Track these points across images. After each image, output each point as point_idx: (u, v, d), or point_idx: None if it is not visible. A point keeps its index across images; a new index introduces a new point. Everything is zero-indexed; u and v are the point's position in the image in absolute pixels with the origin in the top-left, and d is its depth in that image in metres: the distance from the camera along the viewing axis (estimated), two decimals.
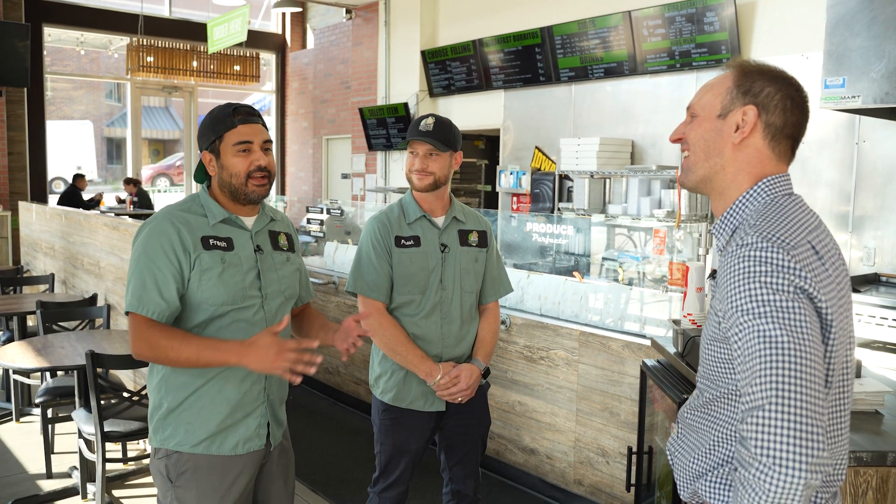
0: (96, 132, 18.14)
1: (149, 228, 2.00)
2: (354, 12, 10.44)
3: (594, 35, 6.82)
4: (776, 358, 1.19)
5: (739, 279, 1.27)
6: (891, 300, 3.41)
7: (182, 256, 1.95)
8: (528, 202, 7.41)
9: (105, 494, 3.36)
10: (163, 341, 1.90)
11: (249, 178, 2.02)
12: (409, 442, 2.60)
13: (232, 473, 2.04)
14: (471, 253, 2.63)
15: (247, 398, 2.05)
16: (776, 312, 1.22)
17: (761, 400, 1.18)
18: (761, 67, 1.42)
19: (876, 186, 5.05)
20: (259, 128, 2.05)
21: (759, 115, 1.39)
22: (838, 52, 3.60)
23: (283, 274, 2.13)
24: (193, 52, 11.83)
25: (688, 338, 2.40)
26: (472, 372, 2.56)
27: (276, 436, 2.14)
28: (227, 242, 2.02)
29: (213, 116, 2.05)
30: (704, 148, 1.44)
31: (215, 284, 1.97)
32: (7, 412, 4.80)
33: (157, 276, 1.93)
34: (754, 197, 1.40)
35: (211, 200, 2.06)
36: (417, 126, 2.53)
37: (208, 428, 2.01)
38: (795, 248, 1.27)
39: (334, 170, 12.32)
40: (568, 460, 3.69)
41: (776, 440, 1.16)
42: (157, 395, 2.05)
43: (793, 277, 1.24)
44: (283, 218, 2.24)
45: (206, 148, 2.05)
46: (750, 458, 1.18)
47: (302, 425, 4.85)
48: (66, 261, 8.34)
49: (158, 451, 2.04)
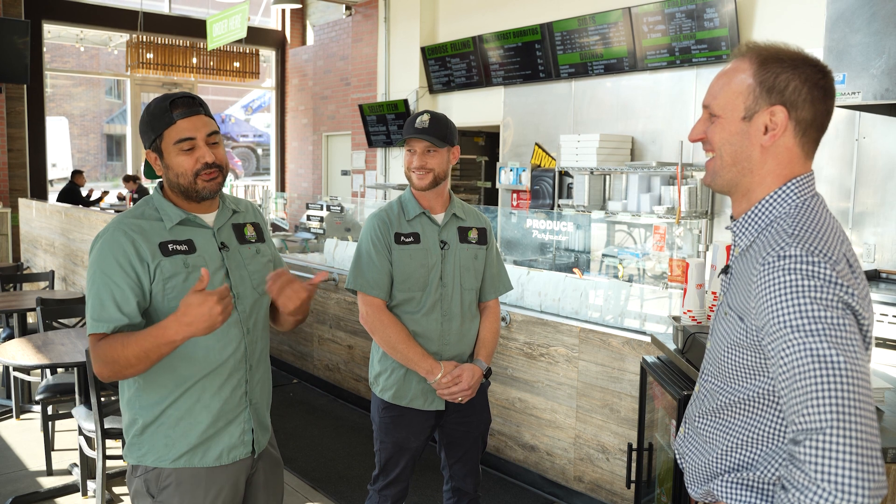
0: (96, 130, 18.12)
1: (101, 242, 1.85)
2: (354, 9, 10.44)
3: (594, 31, 6.81)
4: (834, 379, 1.15)
5: (786, 292, 1.22)
6: (891, 297, 3.41)
7: (140, 268, 1.82)
8: (528, 199, 7.40)
9: (105, 491, 3.37)
10: (112, 352, 1.76)
11: (197, 175, 1.86)
12: (409, 440, 2.60)
13: (217, 485, 1.93)
14: (470, 250, 2.62)
15: (228, 405, 1.93)
16: (829, 330, 1.18)
17: (821, 423, 1.14)
18: (780, 53, 1.34)
19: (876, 183, 5.05)
20: (202, 120, 1.86)
21: (788, 114, 1.32)
22: (838, 48, 3.60)
23: (254, 269, 2.00)
24: (193, 49, 11.82)
25: (688, 334, 2.40)
26: (474, 372, 2.56)
27: (261, 442, 2.02)
28: (187, 245, 1.88)
29: (150, 112, 1.87)
30: (731, 153, 1.37)
31: (181, 291, 1.83)
32: (7, 409, 4.80)
33: (115, 291, 1.80)
34: (783, 198, 1.35)
35: (165, 202, 1.91)
36: (413, 123, 2.53)
37: (189, 440, 1.89)
38: (838, 263, 1.23)
39: (334, 166, 12.32)
40: (568, 457, 3.69)
41: (838, 465, 1.12)
42: (129, 411, 1.93)
43: (840, 293, 1.21)
44: (247, 207, 2.10)
45: (149, 147, 1.89)
46: (807, 482, 1.14)
47: (302, 422, 4.85)
48: (66, 257, 8.34)
49: (137, 468, 1.91)
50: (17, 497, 3.61)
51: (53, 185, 11.35)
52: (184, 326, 1.69)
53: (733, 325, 1.36)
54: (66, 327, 4.44)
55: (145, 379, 1.90)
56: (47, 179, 11.65)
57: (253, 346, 1.99)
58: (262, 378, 2.05)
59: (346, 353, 5.25)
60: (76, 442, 3.66)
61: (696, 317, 2.54)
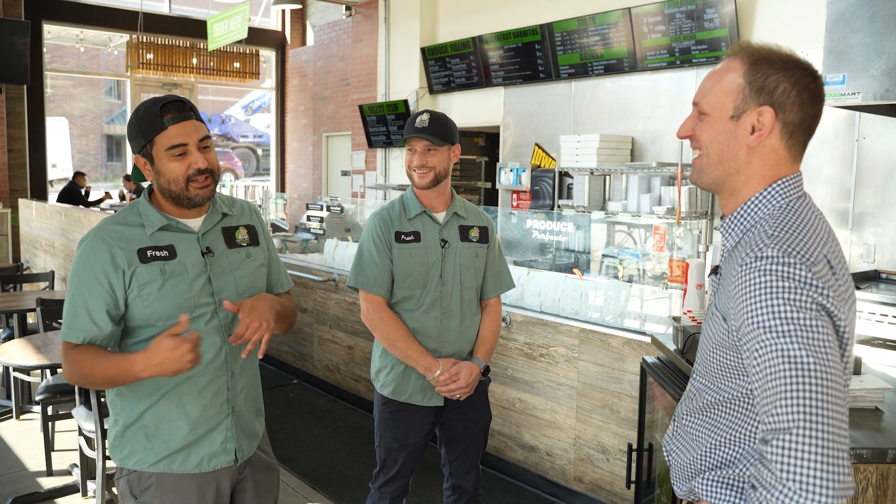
0: (96, 130, 18.12)
1: (81, 248, 1.84)
2: (354, 9, 10.44)
3: (594, 32, 6.81)
4: (802, 381, 1.17)
5: (760, 293, 1.23)
6: (891, 297, 3.41)
7: (113, 276, 1.80)
8: (528, 199, 7.40)
9: (105, 492, 3.36)
10: (80, 367, 1.78)
11: (190, 181, 1.83)
12: (408, 435, 2.61)
13: (199, 489, 1.91)
14: (471, 248, 2.64)
15: (208, 412, 1.90)
16: (800, 332, 1.19)
17: (787, 423, 1.16)
18: (771, 55, 1.35)
19: (876, 183, 5.05)
20: (193, 125, 1.83)
21: (775, 115, 1.33)
22: (838, 48, 3.60)
23: (242, 274, 1.96)
24: (193, 49, 11.82)
25: (688, 335, 2.40)
26: (471, 370, 2.57)
27: (245, 450, 1.99)
28: (168, 251, 1.85)
29: (139, 117, 1.83)
30: (718, 151, 1.38)
31: (156, 298, 1.82)
32: (7, 410, 4.80)
33: (88, 299, 1.80)
34: (768, 199, 1.36)
35: (150, 207, 1.88)
36: (413, 123, 2.55)
37: (169, 445, 1.88)
38: (816, 265, 1.24)
39: (334, 167, 12.32)
40: (568, 457, 3.69)
41: (803, 465, 1.14)
42: (112, 410, 1.93)
43: (815, 295, 1.21)
44: (242, 208, 2.05)
45: (138, 152, 1.86)
46: (774, 482, 1.16)
47: (302, 422, 4.86)
48: (66, 258, 8.34)
49: (122, 469, 1.92)
50: (17, 497, 3.61)
51: (53, 185, 11.34)
52: (152, 366, 1.70)
53: (718, 326, 1.38)
54: None
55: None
56: (47, 180, 11.66)
57: (235, 353, 1.95)
58: (247, 385, 2.02)
59: (345, 354, 5.25)
60: (76, 442, 3.66)
61: (695, 317, 2.55)
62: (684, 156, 5.55)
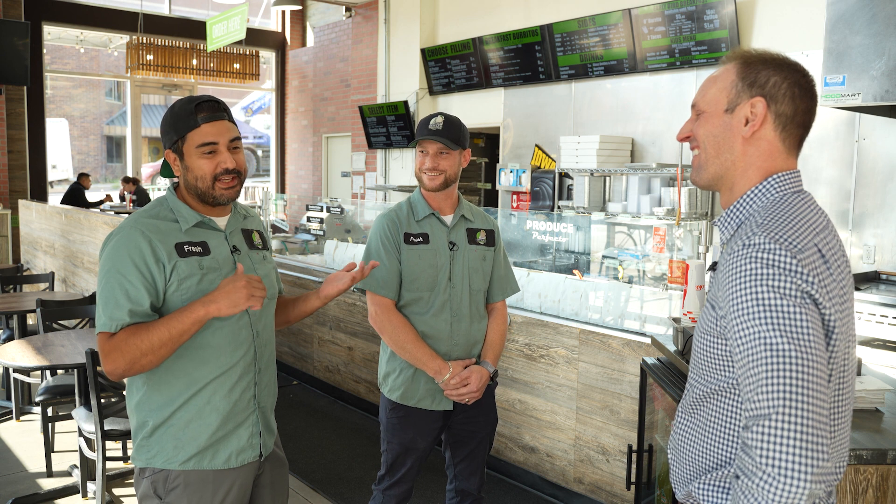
0: (96, 131, 18.13)
1: (116, 240, 1.85)
2: (354, 10, 10.44)
3: (594, 33, 6.81)
4: (782, 368, 1.18)
5: (744, 280, 1.25)
6: (891, 298, 3.41)
7: (155, 268, 1.82)
8: (528, 200, 7.40)
9: (105, 493, 3.36)
10: (131, 340, 1.77)
11: (217, 180, 1.88)
12: (416, 440, 2.60)
13: (225, 486, 1.93)
14: (479, 251, 2.63)
15: (237, 407, 1.95)
16: (781, 319, 1.21)
17: (767, 409, 1.18)
18: (763, 56, 1.40)
19: (876, 184, 5.05)
20: (225, 125, 1.89)
21: (767, 106, 1.37)
22: (838, 49, 3.60)
23: (262, 273, 2.03)
24: (193, 50, 11.82)
25: (688, 336, 2.40)
26: (482, 375, 2.57)
27: (268, 445, 2.05)
28: (202, 247, 1.90)
29: (174, 114, 1.89)
30: (714, 144, 1.42)
31: (195, 293, 1.85)
32: (7, 411, 4.80)
33: (129, 289, 1.80)
34: (762, 193, 1.38)
35: (180, 203, 1.93)
36: (427, 125, 2.53)
37: (198, 442, 1.90)
38: (803, 252, 1.25)
39: (334, 168, 12.33)
40: (568, 458, 3.69)
41: (781, 450, 1.15)
42: (139, 414, 1.93)
43: (799, 282, 1.23)
44: (253, 215, 2.14)
45: (169, 147, 1.91)
46: (753, 468, 1.18)
47: (302, 423, 4.85)
48: (66, 259, 8.34)
49: (144, 470, 1.92)
50: (17, 498, 3.61)
51: (53, 186, 11.33)
52: (212, 305, 1.78)
53: (707, 314, 1.40)
54: (66, 329, 4.43)
55: (155, 381, 1.90)
56: (47, 181, 11.66)
57: (262, 350, 2.02)
58: (269, 381, 2.08)
59: (345, 355, 5.25)
60: (76, 443, 3.66)
61: (696, 318, 2.54)
62: (684, 157, 5.55)
